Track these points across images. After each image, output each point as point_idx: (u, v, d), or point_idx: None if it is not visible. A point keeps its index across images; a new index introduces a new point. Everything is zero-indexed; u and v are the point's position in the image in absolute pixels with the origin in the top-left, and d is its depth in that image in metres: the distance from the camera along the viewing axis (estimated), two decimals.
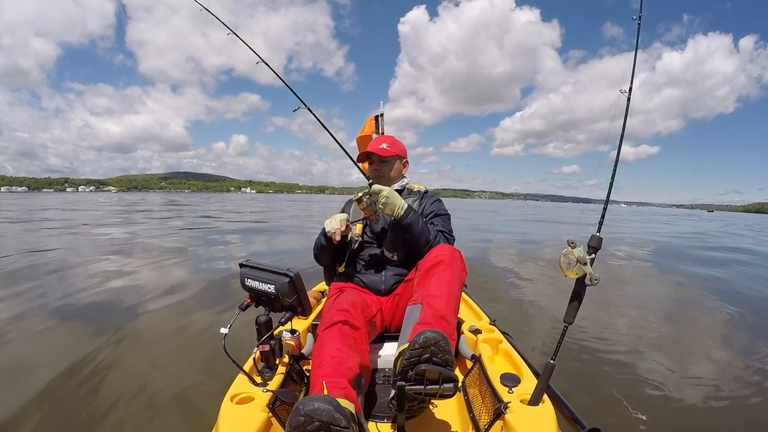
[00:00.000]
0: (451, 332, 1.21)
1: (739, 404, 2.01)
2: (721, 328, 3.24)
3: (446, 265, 1.32)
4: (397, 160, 1.74)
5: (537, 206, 71.17)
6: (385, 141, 1.74)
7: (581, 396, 1.95)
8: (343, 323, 1.18)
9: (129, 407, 1.81)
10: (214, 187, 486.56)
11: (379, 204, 1.48)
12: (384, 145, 1.71)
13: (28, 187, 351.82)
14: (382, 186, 1.50)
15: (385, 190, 1.47)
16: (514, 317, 3.23)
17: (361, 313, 1.27)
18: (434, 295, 1.24)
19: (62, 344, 2.52)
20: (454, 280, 1.31)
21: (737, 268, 6.51)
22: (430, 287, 1.28)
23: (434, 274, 1.31)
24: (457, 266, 1.34)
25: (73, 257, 5.43)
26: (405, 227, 1.49)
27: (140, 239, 7.59)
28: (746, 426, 1.86)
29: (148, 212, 17.34)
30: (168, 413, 1.78)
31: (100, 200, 32.22)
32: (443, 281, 1.28)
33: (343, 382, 1.00)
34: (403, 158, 1.78)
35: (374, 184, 1.52)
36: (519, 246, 8.18)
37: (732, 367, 2.45)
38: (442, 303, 1.22)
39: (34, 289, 3.81)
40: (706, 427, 1.84)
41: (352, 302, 1.29)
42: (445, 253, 1.36)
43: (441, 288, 1.26)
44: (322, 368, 1.04)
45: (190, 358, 2.34)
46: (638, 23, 1.24)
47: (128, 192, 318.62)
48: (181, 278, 4.34)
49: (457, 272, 1.33)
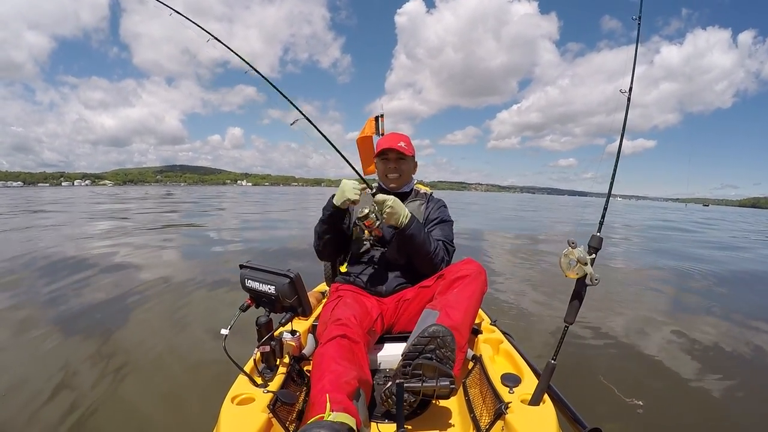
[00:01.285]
0: (463, 344, 1.23)
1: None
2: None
3: (471, 279, 1.35)
4: (411, 161, 1.76)
5: (534, 199, 71.78)
6: (402, 140, 1.72)
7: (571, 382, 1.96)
8: (341, 337, 1.19)
9: (130, 407, 1.81)
10: (210, 180, 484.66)
11: (384, 214, 1.46)
12: (402, 144, 1.69)
13: (23, 182, 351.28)
14: (386, 195, 1.48)
15: (389, 200, 1.45)
16: (515, 317, 3.22)
17: (359, 324, 1.27)
18: (453, 306, 1.27)
19: (63, 342, 2.53)
20: (475, 295, 1.33)
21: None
22: (450, 297, 1.31)
23: (457, 286, 1.34)
24: (480, 283, 1.37)
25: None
26: (407, 238, 1.49)
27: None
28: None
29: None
30: (169, 413, 1.78)
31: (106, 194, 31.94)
32: (464, 294, 1.31)
33: (342, 396, 1.00)
34: (414, 159, 1.79)
35: (378, 194, 1.49)
36: (519, 245, 8.17)
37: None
38: (459, 315, 1.25)
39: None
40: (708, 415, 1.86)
41: (351, 314, 1.28)
42: (472, 269, 1.38)
43: (461, 301, 1.29)
44: (321, 383, 1.05)
45: (191, 358, 2.34)
46: (638, 23, 1.24)
47: (125, 185, 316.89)
48: (185, 276, 4.34)
49: (479, 289, 1.36)
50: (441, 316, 1.25)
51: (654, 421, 1.79)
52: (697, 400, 2.03)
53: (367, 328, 1.36)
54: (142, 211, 15.03)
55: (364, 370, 1.18)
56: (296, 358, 1.36)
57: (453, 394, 1.14)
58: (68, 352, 2.40)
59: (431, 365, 1.10)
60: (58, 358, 2.29)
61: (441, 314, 1.25)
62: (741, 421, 1.88)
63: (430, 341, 1.13)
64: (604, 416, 1.72)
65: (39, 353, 2.39)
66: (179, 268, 4.95)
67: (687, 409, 1.94)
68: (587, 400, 1.91)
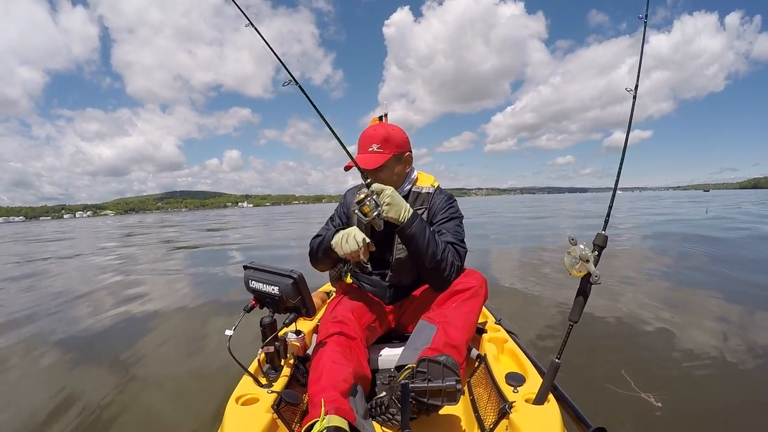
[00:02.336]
0: (462, 362, 1.22)
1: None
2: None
3: (471, 294, 1.30)
4: (394, 161, 1.42)
5: (535, 200, 70.58)
6: (375, 140, 1.39)
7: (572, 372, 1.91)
8: (338, 335, 1.18)
9: (132, 407, 1.82)
10: (210, 204, 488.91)
11: (383, 206, 1.24)
12: (374, 147, 1.38)
13: (25, 216, 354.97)
14: (384, 185, 1.28)
15: (388, 190, 1.27)
16: (520, 316, 3.21)
17: (357, 321, 1.27)
18: (451, 323, 1.24)
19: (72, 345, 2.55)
20: (475, 310, 1.30)
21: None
22: (449, 312, 1.27)
23: (457, 300, 1.30)
24: (481, 297, 1.33)
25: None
26: (409, 237, 1.28)
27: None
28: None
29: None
30: (173, 414, 1.79)
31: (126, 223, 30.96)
32: (463, 309, 1.28)
33: (336, 395, 1.00)
34: (404, 153, 1.44)
35: (373, 183, 1.28)
36: (522, 243, 8.14)
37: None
38: (458, 332, 1.23)
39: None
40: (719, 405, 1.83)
41: (350, 311, 1.28)
42: (474, 284, 1.32)
43: (460, 316, 1.26)
44: (319, 383, 1.05)
45: (195, 358, 2.35)
46: (644, 21, 1.22)
47: (126, 214, 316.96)
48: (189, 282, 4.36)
49: (479, 304, 1.32)
50: (438, 332, 1.23)
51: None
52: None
53: (366, 324, 1.36)
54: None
55: (362, 365, 1.18)
56: (300, 358, 1.36)
57: (460, 395, 1.14)
58: (70, 351, 2.42)
59: (437, 367, 1.08)
60: (62, 358, 2.31)
61: (438, 330, 1.23)
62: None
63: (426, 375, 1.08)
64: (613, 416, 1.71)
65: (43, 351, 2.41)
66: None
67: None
68: (592, 400, 1.90)
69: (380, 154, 1.38)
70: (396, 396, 1.11)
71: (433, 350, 1.18)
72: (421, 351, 1.19)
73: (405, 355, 1.27)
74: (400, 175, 1.47)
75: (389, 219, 1.26)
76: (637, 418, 1.68)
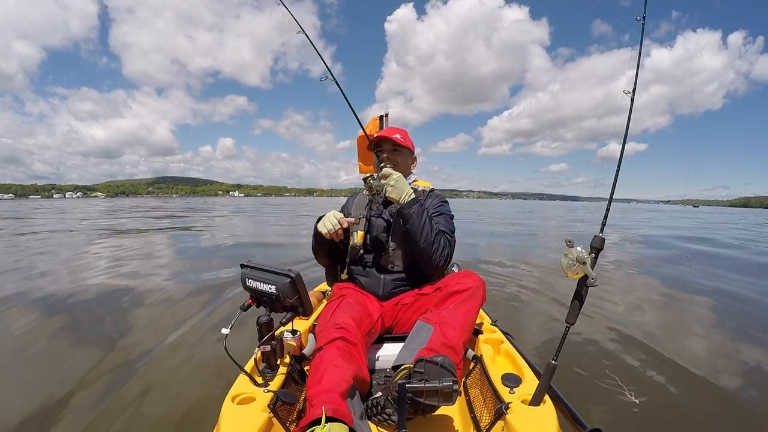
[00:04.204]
0: (458, 363, 1.22)
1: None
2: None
3: (469, 295, 1.32)
4: (408, 153, 1.73)
5: (525, 205, 70.10)
6: (398, 132, 1.70)
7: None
8: (340, 340, 1.19)
9: (130, 406, 1.81)
10: (202, 191, 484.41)
11: (387, 187, 1.46)
12: (397, 135, 1.67)
13: (14, 194, 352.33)
14: (391, 170, 1.49)
15: (395, 174, 1.47)
16: (516, 318, 3.22)
17: (358, 327, 1.27)
18: (448, 323, 1.25)
19: (65, 339, 2.53)
20: (472, 311, 1.31)
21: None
22: (446, 313, 1.28)
23: (454, 301, 1.31)
24: (479, 298, 1.34)
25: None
26: (407, 216, 1.46)
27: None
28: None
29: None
30: (169, 413, 1.78)
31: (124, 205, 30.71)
32: (461, 310, 1.28)
33: (335, 397, 1.00)
34: (414, 152, 1.76)
35: (385, 168, 1.51)
36: (519, 245, 8.16)
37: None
38: (455, 333, 1.23)
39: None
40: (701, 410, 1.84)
41: (350, 317, 1.28)
42: (471, 285, 1.34)
43: (457, 317, 1.27)
44: (320, 385, 1.05)
45: (191, 357, 2.34)
46: (642, 23, 1.23)
47: (117, 197, 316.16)
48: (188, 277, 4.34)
49: (477, 305, 1.33)
50: (435, 333, 1.23)
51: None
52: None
53: (366, 330, 1.36)
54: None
55: (362, 369, 1.18)
56: (297, 357, 1.36)
57: (457, 395, 1.14)
58: (67, 350, 2.40)
59: (434, 368, 1.08)
60: (58, 355, 2.30)
61: (435, 331, 1.24)
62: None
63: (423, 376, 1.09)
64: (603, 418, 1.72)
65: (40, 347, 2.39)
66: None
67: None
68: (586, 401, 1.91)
69: (402, 140, 1.67)
70: (392, 396, 1.11)
71: (430, 351, 1.18)
72: (418, 351, 1.19)
73: (402, 355, 1.28)
74: (407, 170, 1.71)
75: (391, 199, 1.48)
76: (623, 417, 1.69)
